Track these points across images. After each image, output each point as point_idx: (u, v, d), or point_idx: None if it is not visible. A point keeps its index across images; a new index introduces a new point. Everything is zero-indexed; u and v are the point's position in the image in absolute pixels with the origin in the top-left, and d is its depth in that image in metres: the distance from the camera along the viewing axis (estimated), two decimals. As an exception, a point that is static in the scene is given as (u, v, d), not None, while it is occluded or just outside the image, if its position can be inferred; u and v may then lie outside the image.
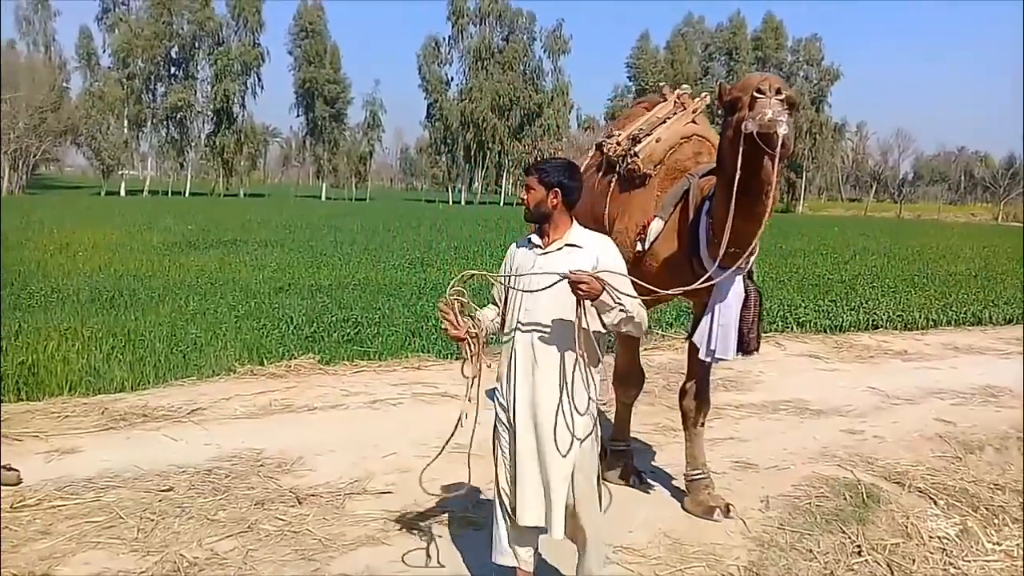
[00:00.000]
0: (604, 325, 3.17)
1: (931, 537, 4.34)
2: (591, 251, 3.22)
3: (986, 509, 4.74)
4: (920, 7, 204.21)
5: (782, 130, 3.45)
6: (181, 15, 71.95)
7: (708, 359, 4.24)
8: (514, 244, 3.44)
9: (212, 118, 75.40)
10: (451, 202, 77.34)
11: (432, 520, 4.35)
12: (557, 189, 3.20)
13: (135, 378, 7.09)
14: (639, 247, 4.45)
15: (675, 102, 5.03)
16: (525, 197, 3.28)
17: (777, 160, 3.55)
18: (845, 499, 4.82)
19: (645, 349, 8.45)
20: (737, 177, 3.58)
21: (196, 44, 73.70)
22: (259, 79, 77.22)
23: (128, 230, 23.40)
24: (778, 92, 3.46)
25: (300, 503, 4.50)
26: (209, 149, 76.03)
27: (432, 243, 22.47)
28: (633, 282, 3.21)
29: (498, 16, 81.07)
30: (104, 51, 72.06)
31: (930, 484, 5.13)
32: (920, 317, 11.70)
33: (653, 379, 7.67)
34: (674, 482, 5.06)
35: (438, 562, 3.85)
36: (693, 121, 4.87)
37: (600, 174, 4.99)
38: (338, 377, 7.53)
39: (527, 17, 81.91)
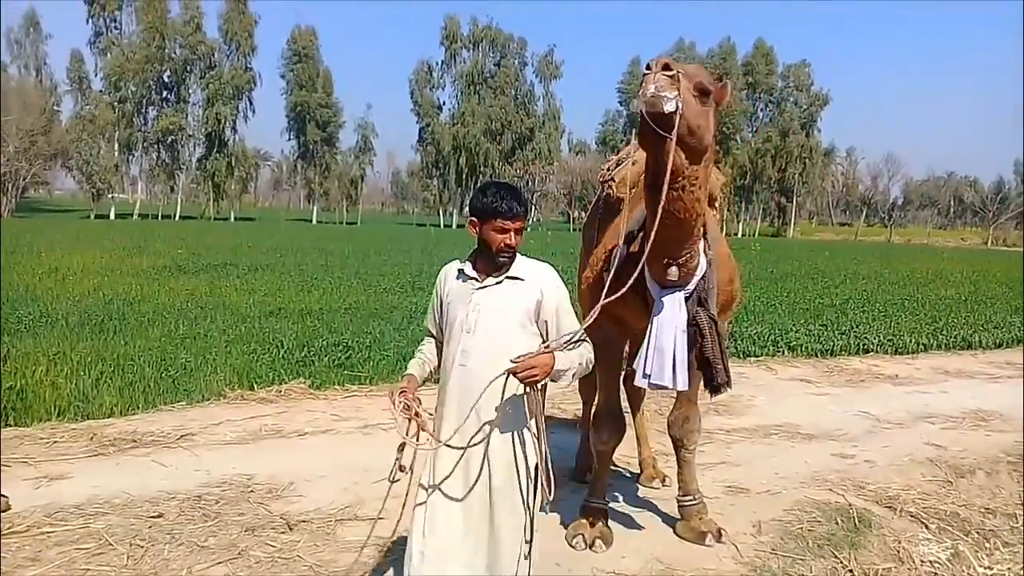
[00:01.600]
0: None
1: (923, 561, 4.34)
2: (533, 283, 2.99)
3: (977, 533, 4.74)
4: (910, 31, 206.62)
5: (668, 106, 3.14)
6: (173, 39, 72.21)
7: (644, 384, 3.88)
8: (447, 268, 3.16)
9: (203, 142, 75.45)
10: (442, 225, 77.47)
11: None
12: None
13: (124, 403, 7.04)
14: (606, 276, 4.09)
15: None
16: (514, 241, 2.96)
17: (674, 142, 3.19)
18: (837, 524, 4.82)
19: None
20: (645, 168, 3.39)
21: (188, 68, 73.90)
22: (251, 103, 77.52)
23: (118, 254, 23.33)
24: (665, 68, 3.17)
25: (291, 529, 4.47)
26: (200, 173, 76.02)
27: (423, 267, 22.47)
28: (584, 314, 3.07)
29: (490, 41, 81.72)
30: (96, 74, 72.36)
31: (921, 508, 5.14)
32: (911, 341, 11.74)
33: (644, 403, 7.67)
34: (666, 507, 5.04)
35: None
36: None
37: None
38: (329, 402, 7.50)
39: (519, 42, 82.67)
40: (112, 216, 66.12)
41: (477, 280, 3.00)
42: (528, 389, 2.85)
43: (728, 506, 5.14)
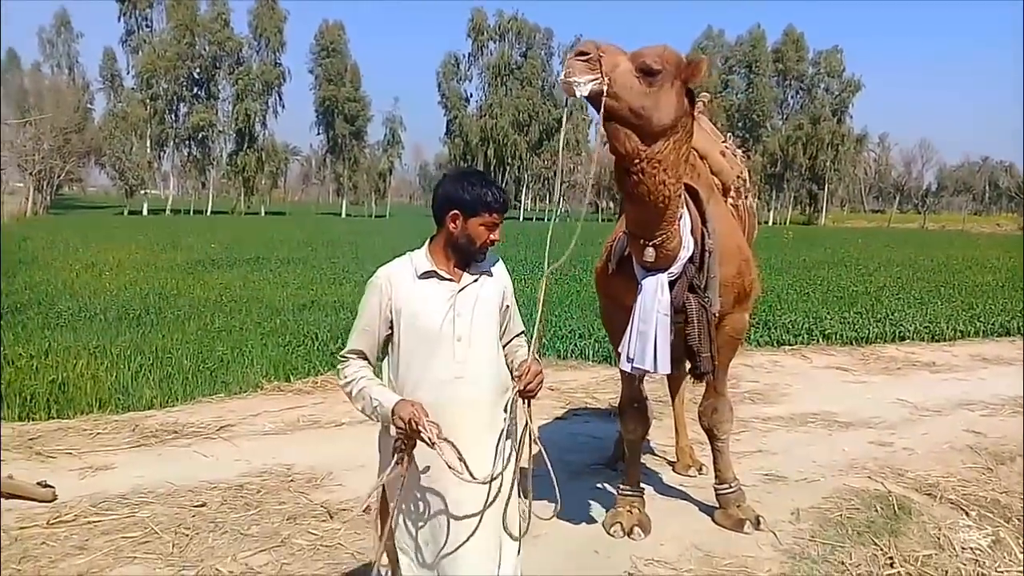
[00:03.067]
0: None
1: (963, 548, 4.31)
2: (497, 275, 2.79)
3: (1018, 520, 4.69)
4: (944, 15, 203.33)
5: (580, 90, 3.21)
6: (203, 36, 72.88)
7: (627, 367, 3.90)
8: (387, 274, 2.75)
9: (234, 137, 76.22)
10: (471, 217, 77.47)
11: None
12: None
13: (164, 395, 7.16)
14: (610, 266, 4.16)
15: None
16: (496, 238, 2.71)
17: (603, 122, 3.30)
18: (876, 511, 4.79)
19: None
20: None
21: (217, 64, 74.64)
22: (280, 98, 78.21)
23: (152, 249, 23.66)
24: (580, 53, 3.23)
25: (332, 518, 4.53)
26: (231, 168, 76.75)
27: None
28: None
29: (516, 32, 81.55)
30: (128, 72, 73.36)
31: (961, 495, 5.09)
32: (947, 328, 11.60)
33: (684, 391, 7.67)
34: (703, 495, 5.04)
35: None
36: None
37: None
38: (364, 393, 7.55)
39: (545, 33, 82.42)
40: (145, 212, 66.95)
41: (454, 281, 2.69)
42: (526, 402, 2.69)
43: (765, 494, 5.12)
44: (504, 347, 2.83)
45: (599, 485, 5.20)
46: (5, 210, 39.47)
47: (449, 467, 2.47)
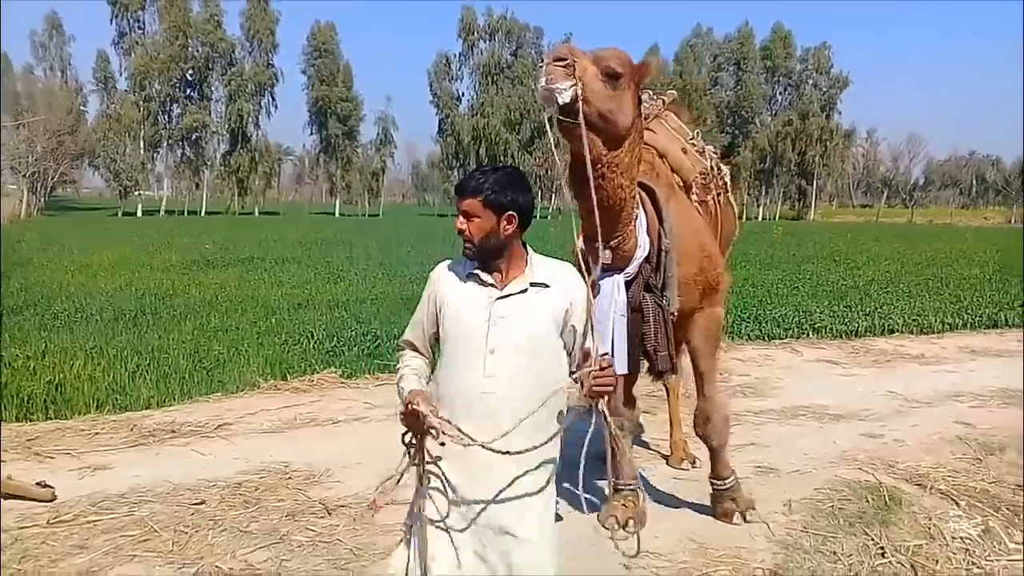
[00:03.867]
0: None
1: (954, 538, 4.38)
2: (562, 290, 2.50)
3: (1008, 509, 4.76)
4: (933, 11, 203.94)
5: (562, 97, 3.10)
6: (196, 37, 72.72)
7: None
8: (444, 267, 2.63)
9: (227, 138, 76.06)
10: (464, 216, 77.43)
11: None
12: (512, 213, 2.44)
13: (161, 395, 7.20)
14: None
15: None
16: (464, 228, 2.46)
17: (583, 129, 2.98)
18: (867, 502, 4.86)
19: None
20: (559, 157, 3.18)
21: (210, 66, 74.44)
22: (273, 99, 77.98)
23: (147, 249, 23.63)
24: (558, 59, 3.14)
25: (330, 514, 4.58)
26: (224, 168, 76.60)
27: (447, 257, 22.51)
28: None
29: (506, 32, 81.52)
30: (121, 74, 73.22)
31: (951, 486, 5.16)
32: (936, 321, 11.70)
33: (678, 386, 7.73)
34: (697, 487, 5.10)
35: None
36: (648, 128, 4.50)
37: None
38: (360, 390, 7.62)
39: (535, 32, 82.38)
40: (139, 213, 66.77)
41: (495, 286, 2.48)
42: (598, 403, 2.41)
43: (758, 486, 5.18)
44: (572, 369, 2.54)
45: (595, 481, 5.26)
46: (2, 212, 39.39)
47: (450, 437, 2.36)
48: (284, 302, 12.87)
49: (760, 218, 78.64)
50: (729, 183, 5.28)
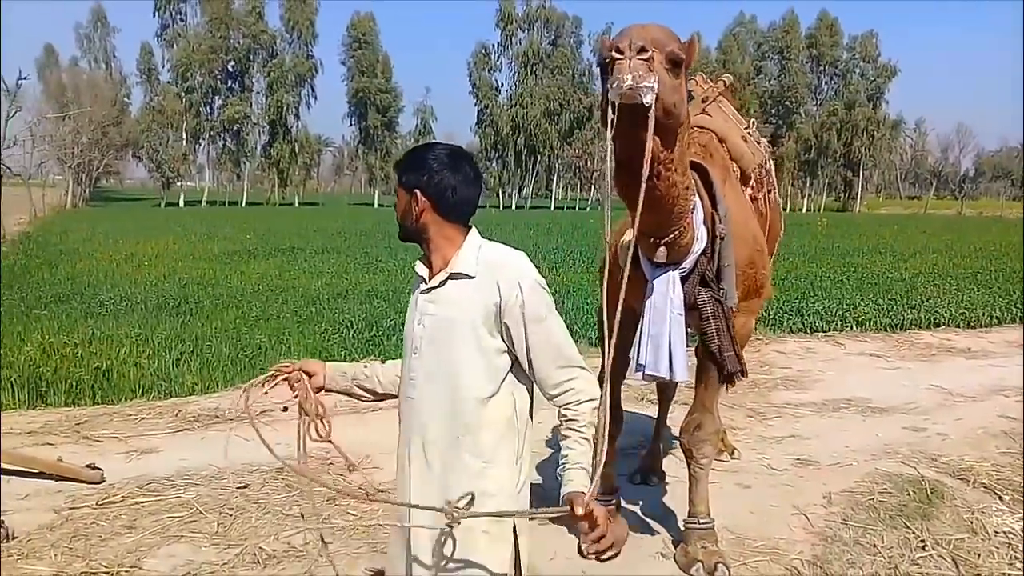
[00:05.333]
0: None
1: (996, 532, 4.33)
2: (487, 281, 2.13)
3: (1054, 505, 4.69)
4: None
5: (647, 98, 2.59)
6: (237, 29, 73.58)
7: (638, 376, 3.48)
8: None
9: (267, 129, 76.92)
10: (502, 207, 77.56)
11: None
12: (418, 191, 2.17)
13: (205, 382, 7.33)
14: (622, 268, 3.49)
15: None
16: (399, 214, 2.26)
17: (651, 132, 2.59)
18: (909, 495, 4.81)
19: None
20: (610, 153, 2.68)
21: (251, 57, 75.28)
22: (312, 90, 78.72)
23: (189, 240, 23.99)
24: (641, 50, 2.62)
25: (369, 498, 4.64)
26: (265, 159, 77.56)
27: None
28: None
29: (545, 21, 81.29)
30: (163, 66, 74.34)
31: (995, 480, 5.09)
32: (983, 315, 11.48)
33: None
34: (736, 478, 5.09)
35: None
36: (704, 111, 4.25)
37: None
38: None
39: (573, 21, 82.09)
40: (181, 204, 67.82)
41: (425, 280, 2.25)
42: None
43: (797, 478, 5.17)
44: (553, 395, 2.19)
45: (622, 472, 5.27)
46: (47, 202, 40.27)
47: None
48: (324, 292, 13.00)
49: (804, 209, 77.68)
50: (775, 180, 4.90)
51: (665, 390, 5.45)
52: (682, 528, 4.08)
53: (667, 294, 3.40)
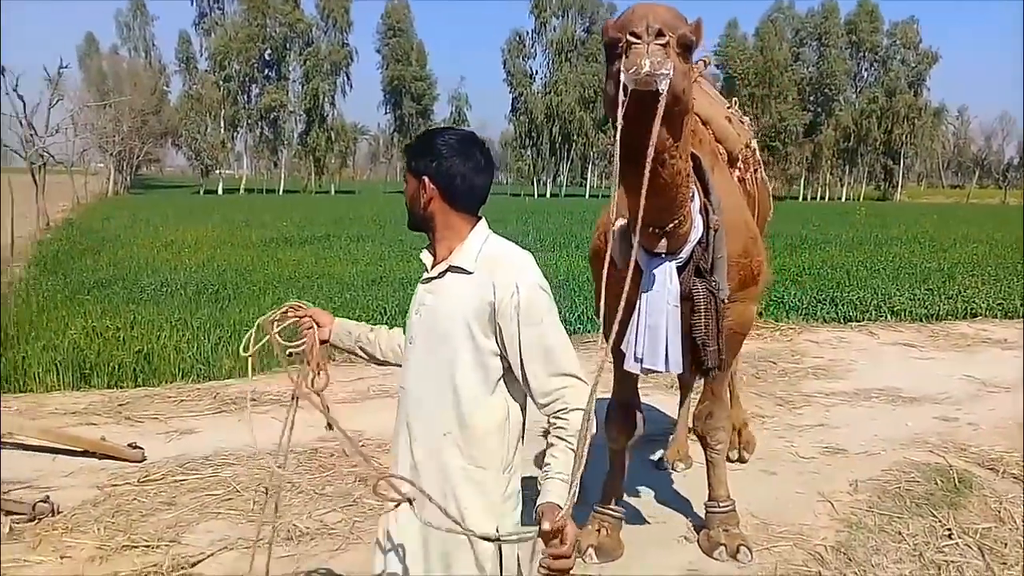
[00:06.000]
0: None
1: (1025, 522, 4.32)
2: (483, 279, 2.04)
3: (1084, 496, 4.67)
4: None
5: (663, 85, 2.48)
6: (273, 17, 74.24)
7: (635, 369, 3.37)
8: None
9: (304, 117, 77.60)
10: (536, 195, 77.54)
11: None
12: (426, 178, 2.10)
13: (242, 366, 7.49)
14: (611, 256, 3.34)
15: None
16: (407, 199, 2.22)
17: (659, 119, 2.43)
18: (936, 484, 4.81)
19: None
20: (618, 139, 2.49)
21: (287, 45, 75.98)
22: (348, 78, 79.40)
23: (227, 227, 24.32)
24: (659, 35, 2.50)
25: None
26: (301, 147, 78.30)
27: (520, 236, 22.67)
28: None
29: (579, 8, 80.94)
30: (202, 54, 75.31)
31: (1025, 470, 5.08)
32: (1022, 305, 11.32)
33: (741, 367, 7.70)
34: (761, 465, 5.13)
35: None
36: None
37: None
38: (431, 365, 7.78)
39: (608, 8, 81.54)
40: (220, 191, 68.78)
41: (428, 269, 2.20)
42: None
43: (825, 466, 5.19)
44: (543, 403, 2.05)
45: (651, 458, 5.32)
46: (89, 190, 41.01)
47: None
48: (359, 279, 13.15)
49: (843, 199, 76.86)
50: (760, 159, 4.78)
51: (684, 377, 5.35)
52: (703, 513, 4.14)
53: (664, 284, 3.32)
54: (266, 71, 76.37)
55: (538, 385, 2.03)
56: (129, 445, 5.08)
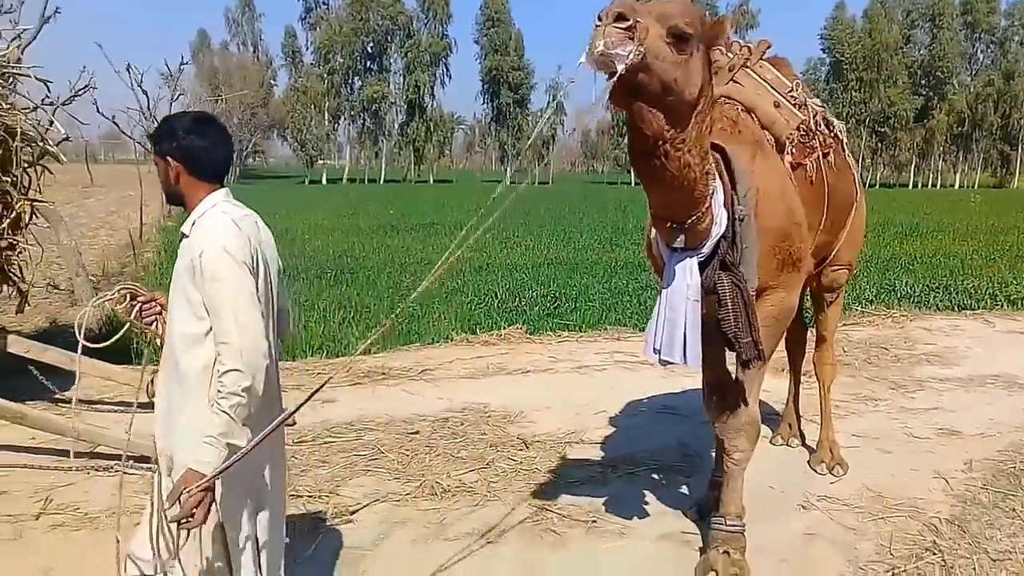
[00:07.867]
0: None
1: None
2: (191, 244, 2.37)
3: None
4: None
5: (620, 66, 2.55)
6: (376, 11, 75.83)
7: (654, 360, 3.37)
8: None
9: (404, 108, 79.07)
10: (633, 183, 77.06)
11: (641, 468, 4.85)
12: (170, 157, 2.41)
13: (374, 343, 7.97)
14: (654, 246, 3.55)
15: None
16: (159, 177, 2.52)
17: (644, 106, 2.67)
18: (1053, 466, 4.87)
19: (844, 324, 8.50)
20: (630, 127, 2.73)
21: (389, 38, 77.50)
22: (447, 69, 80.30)
23: (335, 215, 25.25)
24: (619, 18, 2.55)
25: (528, 447, 5.12)
26: (402, 138, 79.80)
27: (619, 224, 22.81)
28: None
29: (677, -4, 79.84)
30: (307, 48, 77.62)
31: None
32: None
33: (853, 353, 7.81)
34: (879, 444, 5.28)
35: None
36: (734, 80, 4.01)
37: None
38: (544, 345, 8.14)
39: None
40: (324, 181, 70.80)
41: (187, 236, 2.44)
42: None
43: (939, 446, 5.30)
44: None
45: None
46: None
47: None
48: (465, 265, 13.59)
49: (957, 186, 73.84)
50: (845, 140, 4.53)
51: (794, 361, 5.51)
52: (710, 526, 3.81)
53: (684, 279, 3.28)
54: (368, 64, 78.11)
55: (217, 340, 2.30)
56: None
